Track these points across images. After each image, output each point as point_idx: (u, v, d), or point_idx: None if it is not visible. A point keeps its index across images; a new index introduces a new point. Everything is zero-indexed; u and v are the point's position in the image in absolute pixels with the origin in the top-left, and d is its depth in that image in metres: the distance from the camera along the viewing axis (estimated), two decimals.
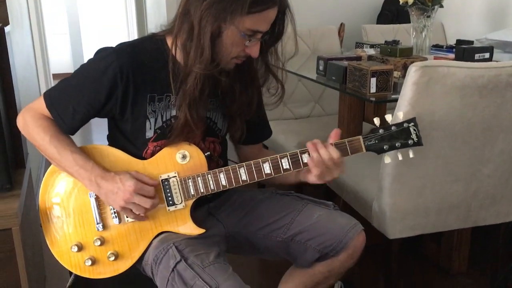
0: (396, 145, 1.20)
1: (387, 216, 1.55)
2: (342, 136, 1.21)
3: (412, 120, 1.21)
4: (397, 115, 1.26)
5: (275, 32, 1.21)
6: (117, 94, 1.17)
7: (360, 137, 1.19)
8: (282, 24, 1.20)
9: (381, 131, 1.19)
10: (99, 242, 1.22)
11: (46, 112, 1.20)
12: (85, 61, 1.22)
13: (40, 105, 1.21)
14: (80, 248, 1.22)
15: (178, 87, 1.17)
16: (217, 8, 1.08)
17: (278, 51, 1.25)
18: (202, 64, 1.12)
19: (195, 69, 1.13)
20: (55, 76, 5.19)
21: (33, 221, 1.59)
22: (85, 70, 1.20)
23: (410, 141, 1.20)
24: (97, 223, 1.22)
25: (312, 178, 1.19)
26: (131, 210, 1.17)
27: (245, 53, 1.17)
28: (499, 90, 1.42)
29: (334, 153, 1.16)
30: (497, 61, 1.80)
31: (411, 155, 1.22)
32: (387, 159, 1.25)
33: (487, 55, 2.04)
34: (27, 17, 3.37)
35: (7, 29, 1.44)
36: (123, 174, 1.17)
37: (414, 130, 1.20)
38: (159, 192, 1.21)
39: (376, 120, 1.20)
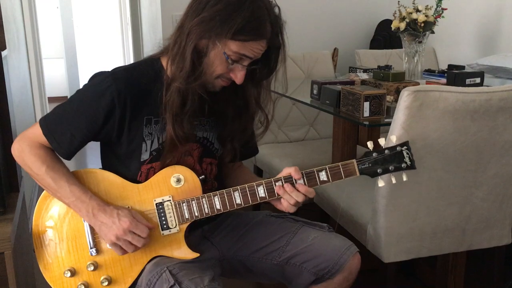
0: (390, 168, 1.21)
1: (382, 239, 1.55)
2: (337, 160, 1.22)
3: (405, 143, 1.22)
4: (390, 138, 1.27)
5: (268, 66, 1.22)
6: (115, 117, 1.17)
7: (354, 160, 1.21)
8: (276, 59, 1.21)
9: (374, 154, 1.21)
10: (92, 267, 1.21)
11: (42, 139, 1.20)
12: (81, 84, 1.22)
13: (36, 132, 1.20)
14: (73, 273, 1.21)
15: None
16: (205, 26, 1.10)
17: (270, 85, 1.26)
18: (181, 77, 1.13)
19: (175, 82, 1.14)
20: (50, 99, 5.19)
21: (26, 246, 1.57)
22: (81, 95, 1.20)
23: (403, 165, 1.21)
24: (91, 248, 1.21)
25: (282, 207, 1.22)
26: (120, 247, 1.16)
27: (229, 75, 1.18)
28: (491, 114, 1.43)
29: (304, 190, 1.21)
30: (488, 86, 1.82)
31: (404, 179, 1.23)
32: (381, 182, 1.25)
33: (478, 80, 2.08)
34: (23, 41, 3.39)
35: (4, 53, 1.45)
36: (122, 210, 1.16)
37: (407, 153, 1.21)
38: (153, 216, 1.21)
39: (370, 144, 1.21)
